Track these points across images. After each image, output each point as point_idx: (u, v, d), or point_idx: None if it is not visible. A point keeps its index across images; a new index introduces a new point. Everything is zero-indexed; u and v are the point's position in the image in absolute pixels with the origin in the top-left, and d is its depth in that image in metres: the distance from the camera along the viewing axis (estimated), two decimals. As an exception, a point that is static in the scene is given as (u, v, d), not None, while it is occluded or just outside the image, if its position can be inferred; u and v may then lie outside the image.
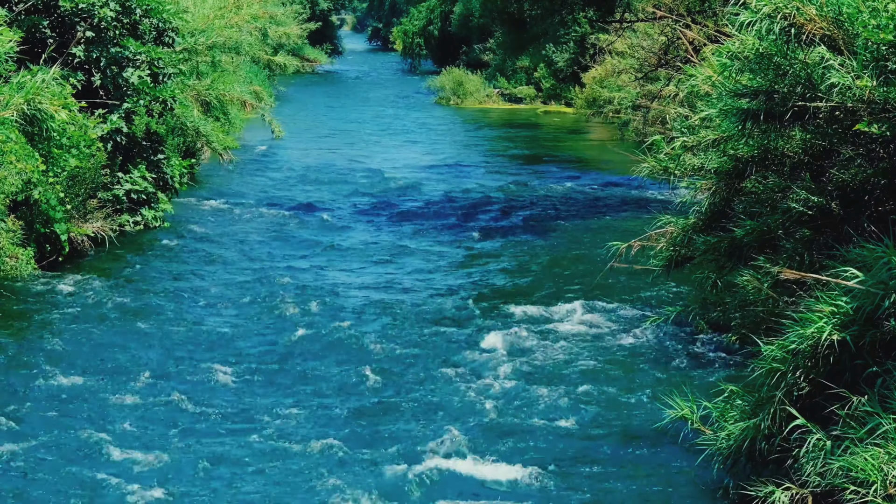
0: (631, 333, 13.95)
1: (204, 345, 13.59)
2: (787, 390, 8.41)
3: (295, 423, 11.07)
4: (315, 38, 68.81)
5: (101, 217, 18.15)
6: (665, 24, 22.79)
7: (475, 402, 11.56)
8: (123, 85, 18.74)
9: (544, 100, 48.00)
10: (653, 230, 12.69)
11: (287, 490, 9.54)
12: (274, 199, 24.32)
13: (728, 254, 11.15)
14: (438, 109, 47.82)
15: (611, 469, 10.02)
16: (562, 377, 12.40)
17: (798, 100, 9.17)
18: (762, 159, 10.92)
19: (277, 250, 19.23)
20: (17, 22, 17.23)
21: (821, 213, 10.18)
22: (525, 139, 37.61)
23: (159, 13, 19.25)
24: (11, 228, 15.23)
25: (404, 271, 17.90)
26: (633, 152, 13.22)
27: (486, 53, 56.88)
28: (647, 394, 11.66)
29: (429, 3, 71.21)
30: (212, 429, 10.88)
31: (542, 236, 20.71)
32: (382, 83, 62.61)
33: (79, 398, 11.58)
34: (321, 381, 12.34)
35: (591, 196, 25.57)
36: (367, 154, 32.44)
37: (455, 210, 23.49)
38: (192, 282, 16.79)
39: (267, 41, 40.28)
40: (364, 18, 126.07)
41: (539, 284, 16.94)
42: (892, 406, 7.62)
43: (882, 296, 7.90)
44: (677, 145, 11.93)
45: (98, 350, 13.15)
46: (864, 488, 7.26)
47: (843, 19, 8.75)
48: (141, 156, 19.81)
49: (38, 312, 14.52)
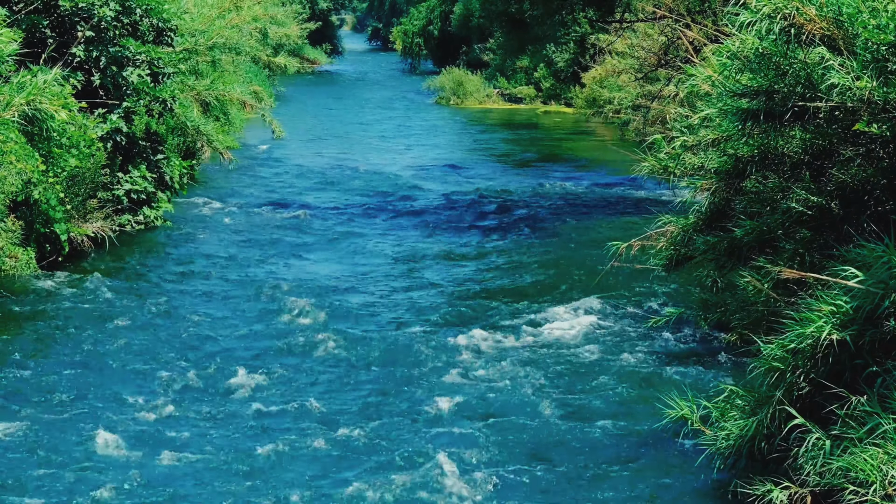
0: (631, 333, 13.96)
1: (204, 344, 13.60)
2: (786, 390, 8.42)
3: (295, 422, 11.08)
4: (315, 38, 68.83)
5: (101, 217, 18.15)
6: (665, 24, 22.80)
7: (474, 402, 11.57)
8: (123, 85, 18.74)
9: (544, 100, 48.00)
10: (653, 230, 12.69)
11: (287, 490, 9.54)
12: (274, 199, 24.33)
13: (728, 254, 11.16)
14: (438, 109, 47.83)
15: (611, 469, 10.02)
16: (561, 377, 12.41)
17: (798, 100, 9.17)
18: (762, 159, 10.92)
19: (277, 250, 19.24)
20: (17, 22, 17.22)
21: (821, 213, 10.18)
22: (525, 139, 37.61)
23: (159, 13, 19.25)
24: (11, 229, 15.23)
25: (404, 271, 17.91)
26: (634, 152, 13.22)
27: (486, 53, 56.90)
28: (647, 394, 11.66)
29: (429, 3, 71.22)
30: (212, 428, 10.89)
31: (542, 236, 20.71)
32: (382, 83, 62.63)
33: (78, 398, 11.58)
34: (320, 381, 12.35)
35: (591, 196, 25.57)
36: (366, 154, 32.45)
37: (454, 210, 23.50)
38: (192, 281, 16.81)
39: (267, 41, 40.25)
40: (364, 18, 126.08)
41: (538, 284, 16.95)
42: (891, 406, 7.63)
43: (882, 295, 7.90)
44: (677, 145, 11.93)
45: (98, 350, 13.16)
46: (863, 488, 7.27)
47: (843, 19, 8.75)
48: (141, 156, 19.81)
49: (38, 312, 14.53)
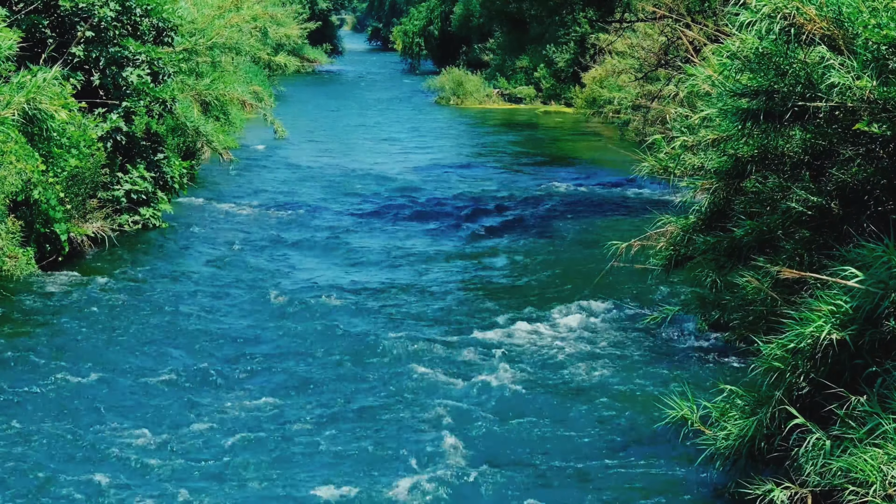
0: (630, 333, 13.96)
1: (204, 344, 13.60)
2: (786, 390, 8.41)
3: (293, 422, 11.07)
4: (315, 38, 68.87)
5: (101, 217, 18.15)
6: (665, 24, 22.80)
7: (474, 402, 11.57)
8: (123, 85, 18.74)
9: (544, 100, 48.00)
10: (653, 230, 12.68)
11: (285, 490, 9.54)
12: (274, 199, 24.33)
13: (728, 253, 11.14)
14: (438, 109, 47.82)
15: (610, 468, 10.02)
16: (561, 377, 12.41)
17: (798, 99, 9.17)
18: (762, 159, 10.91)
19: (277, 250, 19.24)
20: (17, 21, 17.22)
21: (821, 213, 10.17)
22: (525, 139, 37.61)
23: (159, 13, 19.25)
24: (11, 229, 15.23)
25: (403, 271, 17.91)
26: (634, 152, 13.22)
27: (486, 53, 56.88)
28: (647, 394, 11.66)
29: (429, 3, 71.22)
30: (212, 428, 10.88)
31: (542, 236, 20.72)
32: (382, 83, 62.63)
33: (78, 398, 11.58)
34: (320, 381, 12.34)
35: (591, 196, 25.58)
36: (366, 154, 32.46)
37: (454, 210, 23.50)
38: (192, 282, 16.80)
39: (267, 41, 40.27)
40: (364, 18, 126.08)
41: (538, 284, 16.96)
42: (891, 406, 7.62)
43: (881, 295, 7.89)
44: (677, 145, 11.93)
45: (97, 350, 13.16)
46: (863, 489, 7.26)
47: (844, 19, 8.75)
48: (141, 156, 19.81)
49: (38, 312, 14.53)
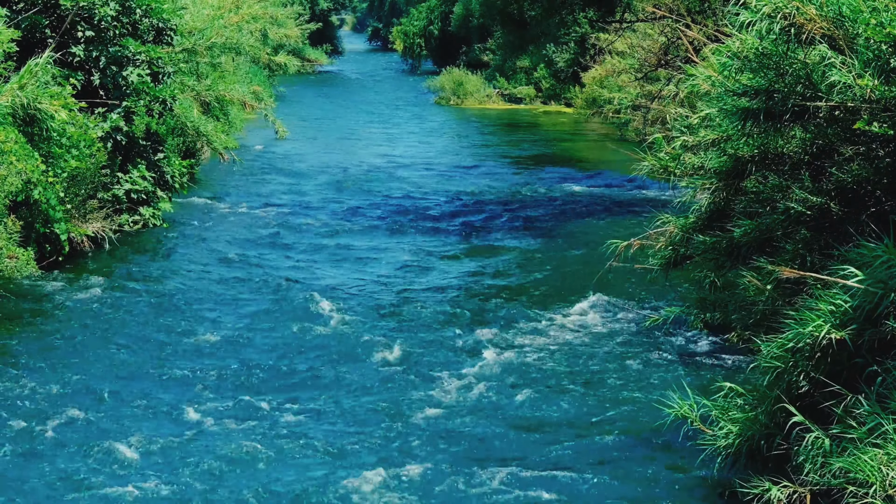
0: (630, 332, 13.96)
1: (204, 344, 13.60)
2: (786, 389, 8.41)
3: (293, 422, 11.07)
4: (315, 39, 68.85)
5: (101, 217, 18.15)
6: (665, 24, 22.80)
7: (473, 401, 11.57)
8: (123, 84, 18.74)
9: (544, 100, 47.98)
10: (652, 229, 12.69)
11: (280, 487, 9.54)
12: (274, 199, 24.33)
13: (727, 253, 11.15)
14: (438, 110, 47.82)
15: (610, 468, 10.02)
16: (561, 377, 12.41)
17: (798, 99, 9.17)
18: (762, 159, 10.92)
19: (277, 250, 19.24)
20: (17, 21, 17.22)
21: (821, 213, 10.18)
22: (525, 139, 37.60)
23: (159, 13, 19.25)
24: (11, 229, 15.23)
25: (403, 271, 17.91)
26: (634, 152, 13.22)
27: (486, 53, 56.86)
28: (647, 393, 11.66)
29: (429, 4, 71.19)
30: (212, 427, 10.88)
31: (542, 236, 20.71)
32: (382, 83, 62.62)
33: (78, 397, 11.58)
34: (320, 381, 12.34)
35: (591, 196, 25.57)
36: (366, 154, 32.45)
37: (455, 210, 23.49)
38: (192, 281, 16.80)
39: (267, 41, 40.26)
40: (364, 18, 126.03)
41: (538, 284, 16.95)
42: (891, 406, 7.62)
43: (881, 295, 7.90)
44: (677, 145, 11.94)
45: (98, 350, 13.16)
46: (863, 489, 7.26)
47: (844, 18, 8.75)
48: (141, 155, 19.81)
49: (38, 312, 14.53)
